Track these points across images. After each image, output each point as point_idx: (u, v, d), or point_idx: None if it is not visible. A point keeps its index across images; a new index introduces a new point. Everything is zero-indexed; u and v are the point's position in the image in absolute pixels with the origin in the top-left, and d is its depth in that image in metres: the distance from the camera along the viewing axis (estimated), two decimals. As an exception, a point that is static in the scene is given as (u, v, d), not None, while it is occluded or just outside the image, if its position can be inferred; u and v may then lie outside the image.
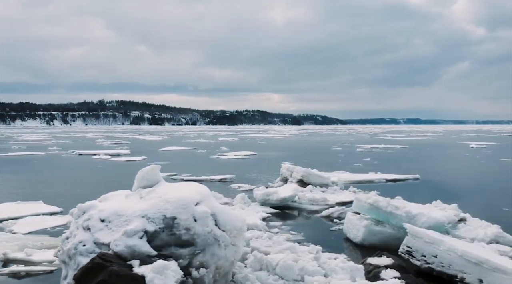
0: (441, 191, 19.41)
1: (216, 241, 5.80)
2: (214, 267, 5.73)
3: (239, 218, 6.21)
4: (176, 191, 6.16)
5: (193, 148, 51.51)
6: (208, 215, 5.80)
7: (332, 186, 18.03)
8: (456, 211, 11.58)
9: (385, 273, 7.83)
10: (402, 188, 20.05)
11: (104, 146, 54.95)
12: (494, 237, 10.40)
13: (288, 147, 56.68)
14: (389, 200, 10.54)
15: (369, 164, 30.75)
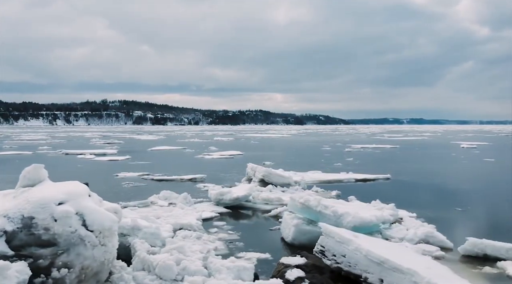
0: (401, 191, 19.46)
1: (81, 241, 5.82)
2: (79, 267, 5.75)
3: (109, 218, 6.22)
4: (44, 191, 6.18)
5: (182, 147, 51.57)
6: (71, 215, 5.82)
7: (294, 186, 18.02)
8: (393, 210, 11.58)
9: (290, 273, 7.84)
10: (365, 188, 20.07)
11: (96, 146, 55.09)
12: (424, 237, 10.40)
13: (278, 147, 56.66)
14: (320, 199, 10.53)
15: (349, 164, 30.71)
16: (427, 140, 77.40)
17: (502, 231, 12.06)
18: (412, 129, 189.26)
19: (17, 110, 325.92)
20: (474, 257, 9.61)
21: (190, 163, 32.74)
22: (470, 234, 10.61)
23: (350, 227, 9.77)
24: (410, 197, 17.77)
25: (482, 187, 20.63)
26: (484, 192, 19.20)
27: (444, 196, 18.00)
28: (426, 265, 7.64)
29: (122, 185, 20.28)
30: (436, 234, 10.44)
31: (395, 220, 11.49)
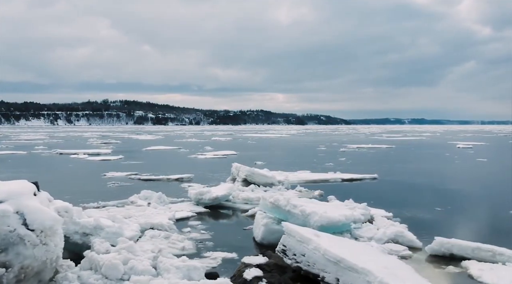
0: (384, 191, 19.49)
1: (21, 240, 5.83)
2: (19, 266, 5.76)
3: (51, 217, 6.22)
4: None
5: (178, 147, 51.61)
6: (9, 214, 5.83)
7: (278, 185, 18.02)
8: (365, 210, 11.59)
9: (248, 272, 7.86)
10: (350, 188, 20.09)
11: (91, 146, 55.14)
12: (394, 237, 10.40)
13: (274, 147, 56.69)
14: (289, 198, 10.54)
15: (341, 164, 30.72)
16: (425, 140, 77.29)
17: (475, 231, 12.09)
18: (413, 129, 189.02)
19: (19, 110, 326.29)
20: (440, 257, 9.61)
21: (182, 163, 32.76)
22: (443, 233, 10.59)
23: (317, 227, 9.78)
24: (391, 197, 17.78)
25: (467, 187, 20.61)
26: (467, 192, 19.19)
27: (427, 196, 17.99)
28: (384, 265, 7.66)
29: (107, 185, 20.32)
30: (406, 233, 10.44)
31: (366, 219, 11.49)
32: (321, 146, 54.86)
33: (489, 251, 9.29)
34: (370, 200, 16.11)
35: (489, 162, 33.18)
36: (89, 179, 22.40)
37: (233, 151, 44.56)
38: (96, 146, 53.81)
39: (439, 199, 16.94)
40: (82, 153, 40.46)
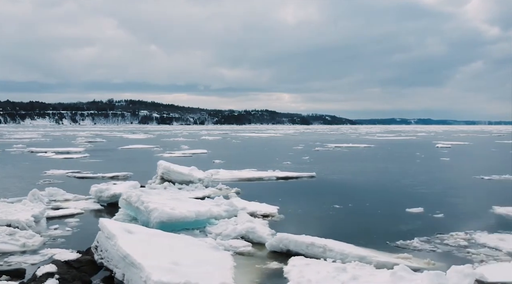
0: (302, 188, 19.60)
1: None
2: None
3: None
4: None
5: (155, 146, 51.68)
6: None
7: (196, 183, 17.97)
8: (229, 206, 11.52)
9: (41, 269, 7.79)
10: (273, 186, 20.13)
11: (72, 144, 55.35)
12: (245, 233, 10.36)
13: (252, 146, 56.79)
14: (140, 195, 10.50)
15: (299, 163, 30.71)
16: (413, 140, 76.84)
17: (352, 228, 11.99)
18: (413, 129, 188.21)
19: (24, 109, 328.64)
20: (278, 253, 9.53)
21: (141, 161, 32.82)
22: (311, 229, 10.59)
23: (157, 223, 9.75)
24: (302, 194, 17.87)
25: (390, 185, 20.40)
26: (385, 190, 19.06)
27: (340, 193, 17.90)
28: (189, 262, 7.59)
29: (34, 182, 20.35)
30: (257, 230, 10.37)
31: (231, 215, 11.41)
32: (300, 145, 54.72)
33: (321, 247, 9.22)
34: (278, 197, 16.22)
35: (447, 162, 32.92)
36: (25, 175, 22.55)
37: (205, 150, 44.63)
38: (76, 145, 54.02)
39: (348, 197, 16.87)
40: (52, 151, 40.63)
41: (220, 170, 23.06)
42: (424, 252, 9.72)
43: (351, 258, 8.72)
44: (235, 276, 7.73)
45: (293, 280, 7.56)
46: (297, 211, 14.17)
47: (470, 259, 9.16)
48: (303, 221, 12.83)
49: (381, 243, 10.35)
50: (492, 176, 23.06)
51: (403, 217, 13.47)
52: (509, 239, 10.51)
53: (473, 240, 10.53)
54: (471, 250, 9.77)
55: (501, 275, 7.98)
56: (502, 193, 17.97)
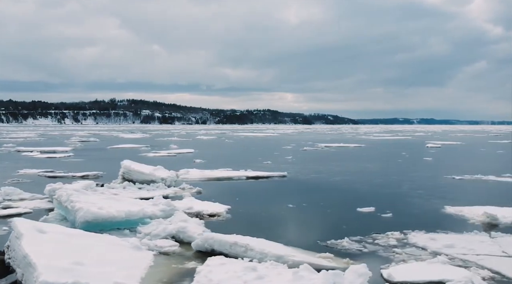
0: (266, 188, 19.55)
1: None
2: None
3: None
4: None
5: (144, 146, 51.76)
6: None
7: (158, 183, 17.99)
8: (167, 206, 11.53)
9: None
10: (238, 185, 20.11)
11: (63, 144, 55.45)
12: (175, 232, 10.38)
13: (241, 145, 56.83)
14: (70, 194, 10.52)
15: (279, 162, 30.75)
16: (407, 140, 76.68)
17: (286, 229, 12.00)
18: (413, 129, 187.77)
19: (26, 109, 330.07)
20: (203, 252, 9.53)
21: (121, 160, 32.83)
22: (245, 230, 10.61)
23: (81, 223, 9.77)
24: (261, 194, 17.98)
25: (357, 186, 20.36)
26: (349, 190, 19.00)
27: (302, 193, 17.89)
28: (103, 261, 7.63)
29: (1, 181, 20.42)
30: (188, 229, 10.38)
31: (168, 215, 11.43)
32: (290, 145, 54.62)
33: (243, 247, 9.23)
34: (237, 196, 16.30)
35: (429, 161, 32.84)
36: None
37: (192, 149, 44.75)
38: (65, 144, 54.11)
39: (307, 196, 16.90)
40: (38, 151, 40.77)
41: (191, 170, 23.10)
42: (350, 251, 9.73)
43: (269, 258, 8.73)
44: (144, 276, 7.76)
45: (196, 280, 7.57)
46: (248, 211, 14.20)
47: (392, 259, 9.15)
48: (247, 221, 12.84)
49: (312, 242, 10.35)
50: (464, 176, 23.01)
51: (350, 216, 13.48)
52: (441, 238, 10.50)
53: (405, 240, 10.52)
54: (397, 249, 9.75)
55: (410, 274, 7.98)
56: (462, 192, 17.97)
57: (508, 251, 9.53)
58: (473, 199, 15.89)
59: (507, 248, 9.71)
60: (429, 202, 15.48)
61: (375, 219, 13.00)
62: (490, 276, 8.14)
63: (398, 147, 51.66)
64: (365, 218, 13.11)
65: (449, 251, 9.55)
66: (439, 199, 16.15)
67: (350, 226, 12.02)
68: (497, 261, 8.90)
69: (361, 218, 13.14)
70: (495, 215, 12.53)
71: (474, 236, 10.91)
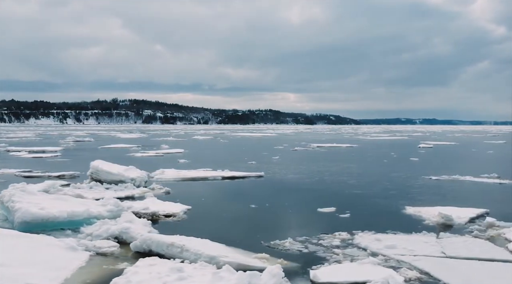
0: (236, 188, 19.48)
1: None
2: None
3: None
4: None
5: (135, 146, 51.82)
6: None
7: (127, 183, 17.99)
8: (114, 207, 11.52)
9: None
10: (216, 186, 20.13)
11: (56, 144, 55.57)
12: (118, 233, 10.36)
13: (231, 146, 56.85)
14: (13, 194, 10.52)
15: (264, 162, 30.69)
16: (402, 140, 76.53)
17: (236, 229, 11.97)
18: (413, 129, 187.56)
19: (29, 109, 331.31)
20: (142, 253, 9.51)
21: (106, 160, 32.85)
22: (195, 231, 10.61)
23: (19, 223, 9.75)
24: (229, 194, 18.00)
25: (329, 186, 20.30)
26: (319, 190, 18.95)
27: (271, 194, 17.92)
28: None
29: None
30: (132, 230, 10.35)
31: (116, 216, 11.42)
32: (283, 145, 54.57)
33: (179, 248, 9.21)
34: (204, 197, 16.30)
35: (411, 162, 32.75)
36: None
37: (182, 149, 44.81)
38: (58, 144, 54.21)
39: (275, 197, 16.97)
40: (26, 150, 40.90)
41: (167, 170, 23.08)
42: (290, 252, 9.69)
43: (203, 258, 8.71)
44: (69, 277, 7.75)
45: (114, 282, 7.50)
46: (207, 212, 14.18)
47: (327, 259, 9.12)
48: (201, 221, 12.81)
49: (257, 242, 10.32)
50: (442, 177, 22.93)
51: (307, 217, 13.48)
52: (386, 239, 10.45)
53: (350, 240, 10.48)
54: (337, 250, 9.71)
55: (335, 275, 7.95)
56: (430, 193, 17.88)
57: (447, 252, 9.48)
58: (439, 200, 15.88)
59: (448, 249, 9.66)
60: (393, 203, 15.41)
61: (331, 219, 12.95)
62: (417, 276, 8.09)
63: (390, 148, 51.53)
64: (321, 218, 13.07)
65: (387, 252, 9.50)
66: (405, 199, 16.09)
67: (302, 226, 11.99)
68: (431, 262, 8.85)
69: (317, 218, 13.11)
70: (449, 215, 12.46)
71: (421, 236, 10.86)
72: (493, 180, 21.73)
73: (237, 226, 12.30)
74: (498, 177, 22.62)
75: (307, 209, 14.55)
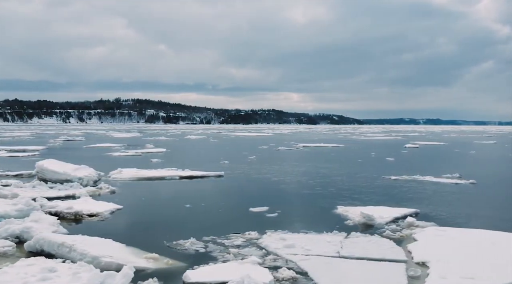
0: (192, 188, 19.45)
1: None
2: None
3: None
4: None
5: (122, 145, 51.87)
6: None
7: (73, 182, 17.96)
8: (25, 206, 11.47)
9: None
10: (169, 185, 20.11)
11: (44, 143, 55.73)
12: (19, 233, 10.31)
13: (218, 145, 56.83)
14: None
15: (237, 162, 30.66)
16: (393, 140, 76.24)
17: (148, 230, 11.91)
18: (413, 129, 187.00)
19: (32, 108, 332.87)
20: (35, 253, 9.44)
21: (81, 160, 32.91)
22: (109, 231, 10.60)
23: None
24: (174, 194, 17.90)
25: (281, 187, 20.21)
26: (266, 189, 18.89)
27: (219, 193, 17.95)
28: None
29: None
30: (33, 230, 10.28)
31: (23, 215, 11.37)
32: (269, 145, 54.47)
33: (67, 247, 9.15)
34: (144, 197, 16.26)
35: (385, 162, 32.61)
36: None
37: (164, 149, 44.88)
38: (45, 143, 54.35)
39: (218, 197, 17.02)
40: (7, 150, 41.08)
41: (125, 169, 23.02)
42: (187, 252, 9.62)
43: (87, 258, 8.65)
44: None
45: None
46: (137, 212, 14.17)
47: (219, 258, 9.05)
48: (123, 221, 12.76)
49: (159, 242, 10.24)
50: (402, 176, 22.80)
51: (232, 216, 13.45)
52: (291, 238, 10.35)
53: (255, 240, 10.40)
54: (233, 250, 9.63)
55: (207, 275, 7.86)
56: (376, 193, 17.74)
57: (343, 251, 9.38)
58: (380, 200, 15.80)
59: (345, 249, 9.57)
60: (328, 202, 15.23)
61: (255, 218, 12.88)
62: (291, 276, 8.01)
63: (375, 147, 51.35)
64: (244, 218, 13.01)
65: (282, 251, 9.43)
66: (344, 199, 15.96)
67: (217, 226, 11.88)
68: (318, 261, 8.77)
69: (240, 218, 13.06)
70: (371, 215, 12.35)
71: (329, 236, 10.76)
72: (451, 180, 21.56)
73: (153, 226, 12.20)
74: (458, 178, 22.44)
75: (239, 208, 14.45)
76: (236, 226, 11.77)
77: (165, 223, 12.62)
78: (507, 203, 15.66)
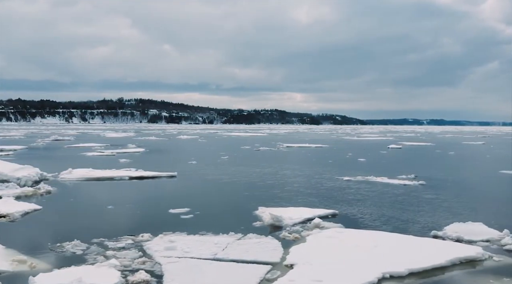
0: (138, 189, 19.46)
1: None
2: None
3: None
4: None
5: (105, 145, 51.88)
6: None
7: (10, 182, 17.89)
8: None
9: None
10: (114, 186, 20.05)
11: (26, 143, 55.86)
12: None
13: (202, 146, 56.83)
14: None
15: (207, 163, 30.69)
16: (387, 140, 75.84)
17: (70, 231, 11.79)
18: (412, 130, 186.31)
19: (35, 108, 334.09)
20: None
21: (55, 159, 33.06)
22: (10, 233, 10.47)
23: None
24: (116, 195, 17.86)
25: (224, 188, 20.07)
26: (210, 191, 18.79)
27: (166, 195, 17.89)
28: None
29: None
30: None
31: None
32: (253, 145, 54.30)
33: None
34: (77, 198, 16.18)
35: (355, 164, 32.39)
36: None
37: (143, 149, 44.97)
38: (28, 143, 54.46)
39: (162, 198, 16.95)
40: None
41: (76, 170, 22.88)
42: (63, 254, 9.50)
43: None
44: None
45: None
46: (53, 213, 14.04)
47: (89, 261, 8.90)
48: (31, 223, 12.64)
49: (43, 245, 10.12)
50: (356, 177, 22.64)
51: (144, 217, 13.38)
52: (181, 240, 10.24)
53: (140, 242, 10.24)
54: (111, 252, 9.49)
55: (54, 279, 7.68)
56: (315, 194, 17.57)
57: (221, 254, 9.25)
58: (309, 200, 15.65)
59: (226, 251, 9.44)
60: (252, 204, 14.83)
61: (168, 219, 12.79)
62: (144, 279, 7.88)
63: (357, 148, 51.08)
64: (158, 219, 12.94)
65: (157, 254, 9.33)
66: (274, 200, 15.82)
67: (117, 227, 11.74)
68: (184, 264, 8.63)
69: (154, 219, 12.98)
70: (279, 216, 12.18)
71: (222, 237, 10.60)
72: (402, 181, 21.33)
73: (53, 228, 12.04)
74: (412, 179, 22.21)
75: (160, 209, 14.29)
76: (141, 227, 11.60)
77: (69, 225, 12.45)
78: (435, 205, 15.37)
